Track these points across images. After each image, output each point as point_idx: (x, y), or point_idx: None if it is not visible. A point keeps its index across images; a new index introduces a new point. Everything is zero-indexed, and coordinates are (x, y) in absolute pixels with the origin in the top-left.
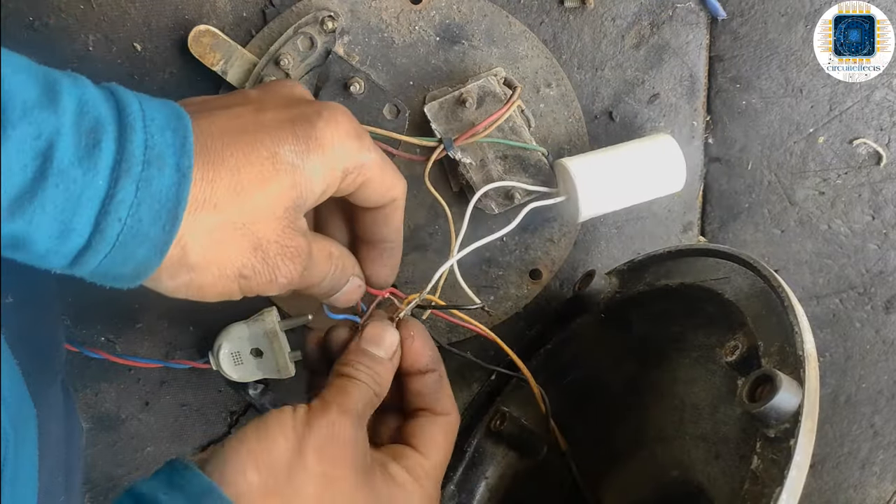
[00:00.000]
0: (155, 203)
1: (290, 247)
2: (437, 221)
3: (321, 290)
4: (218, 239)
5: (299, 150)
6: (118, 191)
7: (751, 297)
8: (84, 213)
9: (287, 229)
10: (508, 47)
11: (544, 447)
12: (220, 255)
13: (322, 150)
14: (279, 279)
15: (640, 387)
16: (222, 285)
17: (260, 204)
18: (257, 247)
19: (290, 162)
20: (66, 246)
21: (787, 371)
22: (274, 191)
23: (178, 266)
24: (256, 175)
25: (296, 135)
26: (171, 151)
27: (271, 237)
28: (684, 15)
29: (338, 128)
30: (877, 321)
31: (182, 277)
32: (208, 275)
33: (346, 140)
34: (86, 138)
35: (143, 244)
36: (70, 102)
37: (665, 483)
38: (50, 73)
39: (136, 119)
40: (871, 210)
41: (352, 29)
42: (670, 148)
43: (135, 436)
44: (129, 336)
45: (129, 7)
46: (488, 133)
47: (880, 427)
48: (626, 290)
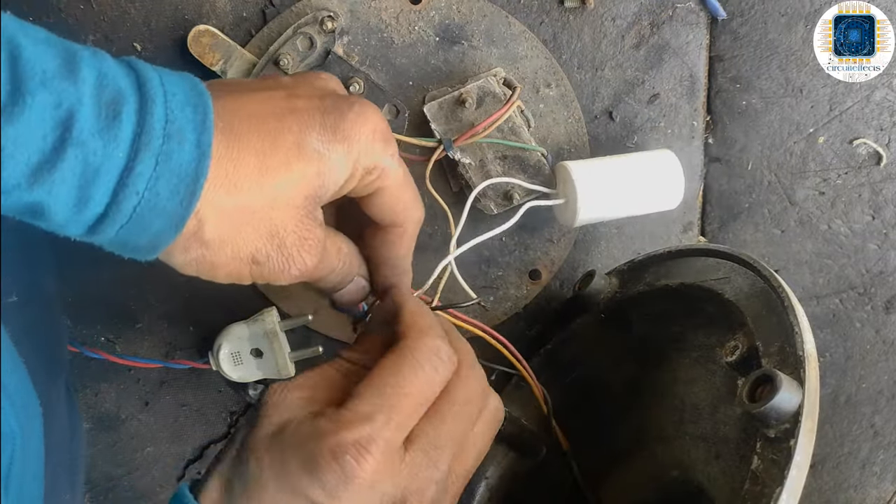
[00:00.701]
0: (173, 178)
1: (308, 238)
2: (436, 222)
3: (326, 283)
4: (236, 219)
5: (326, 139)
6: (137, 164)
7: (751, 297)
8: (102, 184)
9: (306, 219)
10: (508, 47)
11: (544, 447)
12: (235, 235)
13: (348, 142)
14: (292, 269)
15: (640, 387)
16: (234, 267)
17: (282, 189)
18: (274, 234)
19: (315, 150)
20: (84, 215)
21: (787, 371)
22: (297, 177)
23: (193, 240)
24: (281, 160)
25: (324, 124)
26: (192, 127)
27: (289, 225)
28: (684, 15)
29: (366, 123)
30: (877, 321)
31: (195, 252)
32: (221, 254)
33: (373, 137)
34: (106, 110)
35: (160, 217)
36: (90, 74)
37: (665, 483)
38: (70, 45)
39: (156, 93)
40: (871, 210)
41: (351, 29)
42: (672, 164)
43: (135, 436)
44: (129, 336)
45: (129, 7)
46: (488, 133)
47: (880, 427)
48: (626, 290)
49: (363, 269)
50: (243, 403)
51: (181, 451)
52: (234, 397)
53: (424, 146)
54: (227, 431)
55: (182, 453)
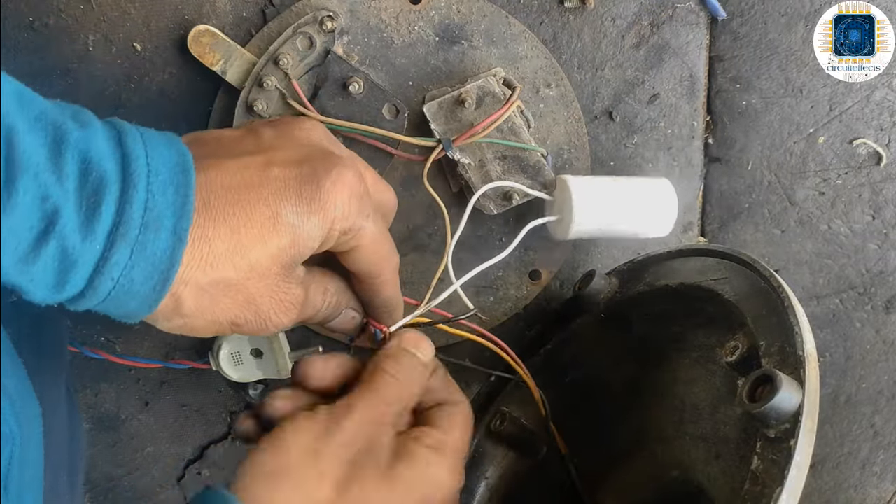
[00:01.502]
0: (148, 266)
1: (284, 300)
2: (435, 222)
3: (314, 321)
4: (212, 293)
5: (301, 210)
6: (113, 254)
7: (751, 297)
8: (79, 272)
9: (282, 283)
10: (508, 47)
11: (544, 447)
12: (213, 307)
13: (323, 212)
14: (269, 328)
15: (640, 387)
16: (215, 329)
17: (256, 262)
18: (250, 301)
19: (290, 223)
20: (61, 295)
21: (787, 371)
22: (271, 250)
23: (173, 314)
24: (256, 235)
25: (300, 196)
26: (171, 213)
27: (265, 293)
28: (684, 15)
29: (343, 190)
30: (877, 321)
31: (176, 322)
32: (201, 321)
33: (349, 202)
34: (87, 202)
35: (134, 299)
36: (74, 165)
37: (665, 483)
38: (59, 125)
39: (139, 176)
40: (872, 210)
41: (351, 29)
42: (668, 193)
43: (135, 436)
44: (129, 336)
45: (129, 7)
46: (487, 133)
47: (880, 427)
48: (626, 291)
49: (353, 303)
50: (243, 403)
51: (181, 451)
52: (234, 397)
53: (423, 146)
54: (227, 431)
55: (182, 453)
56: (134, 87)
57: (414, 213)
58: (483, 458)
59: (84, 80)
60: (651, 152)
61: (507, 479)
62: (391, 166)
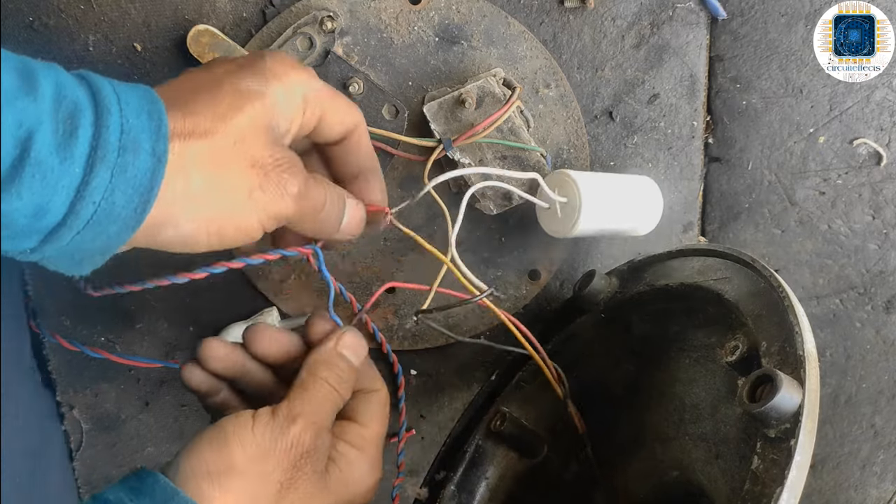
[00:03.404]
0: (129, 188)
1: (284, 158)
2: (435, 222)
3: (328, 215)
4: (217, 161)
5: (259, 80)
6: (93, 177)
7: (751, 297)
8: (60, 197)
9: (274, 146)
10: (508, 48)
11: (545, 447)
12: (223, 177)
13: (279, 78)
14: (288, 188)
15: (640, 387)
16: (238, 215)
17: (242, 125)
18: (254, 163)
19: (254, 90)
20: (42, 223)
21: (787, 371)
22: (250, 113)
23: (189, 199)
24: (230, 104)
25: (252, 71)
26: (147, 136)
27: (264, 153)
28: (684, 15)
29: (284, 62)
30: (877, 321)
31: (197, 212)
32: (220, 203)
33: (297, 70)
34: (63, 125)
35: (115, 222)
36: (48, 88)
37: (665, 483)
38: (25, 61)
39: (111, 102)
40: (872, 210)
41: (351, 29)
42: (653, 190)
43: (134, 436)
44: (129, 336)
45: (129, 7)
46: (487, 133)
47: (880, 427)
48: (626, 291)
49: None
50: None
51: None
52: None
53: (424, 146)
54: None
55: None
56: None
57: (414, 213)
58: (483, 458)
59: None
60: (651, 152)
61: (507, 479)
62: (391, 166)
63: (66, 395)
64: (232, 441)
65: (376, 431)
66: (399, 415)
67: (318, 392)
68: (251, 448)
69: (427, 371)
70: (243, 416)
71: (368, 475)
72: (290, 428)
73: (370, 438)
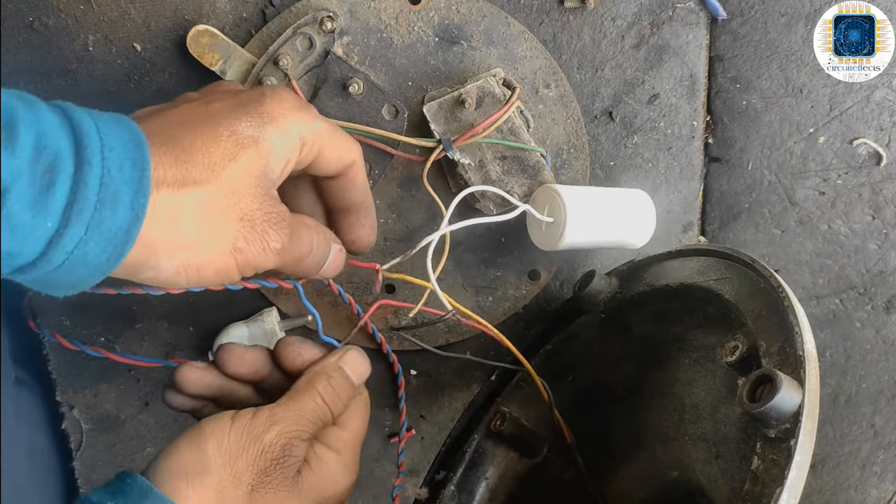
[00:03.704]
0: (103, 240)
1: (273, 213)
2: (435, 221)
3: (312, 261)
4: (207, 212)
5: (255, 124)
6: (67, 231)
7: (751, 297)
8: (31, 246)
9: (265, 197)
10: (507, 48)
11: (545, 447)
12: (211, 227)
13: (276, 122)
14: (271, 244)
15: (640, 387)
16: (219, 262)
17: (235, 176)
18: (243, 217)
19: (250, 136)
20: (11, 262)
21: (787, 371)
22: (244, 163)
23: (174, 245)
24: (224, 152)
25: (248, 112)
26: (128, 188)
27: (254, 206)
28: (684, 15)
29: (283, 102)
30: (877, 321)
31: (179, 257)
32: (204, 251)
33: (295, 112)
34: (41, 179)
35: (87, 268)
36: (28, 139)
37: (665, 483)
38: (7, 101)
39: (93, 153)
40: (872, 210)
41: (351, 29)
42: (645, 203)
43: (134, 436)
44: (129, 336)
45: (128, 7)
46: (487, 134)
47: (880, 427)
48: (626, 291)
49: (334, 237)
50: None
51: None
52: None
53: (423, 146)
54: None
55: None
56: (134, 87)
57: (414, 213)
58: (483, 458)
59: (84, 80)
60: (651, 152)
61: (507, 479)
62: (391, 166)
63: (66, 395)
64: (209, 441)
65: (355, 434)
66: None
67: (307, 403)
68: (224, 448)
69: (427, 371)
70: (223, 418)
71: (343, 478)
72: (265, 435)
73: (348, 441)
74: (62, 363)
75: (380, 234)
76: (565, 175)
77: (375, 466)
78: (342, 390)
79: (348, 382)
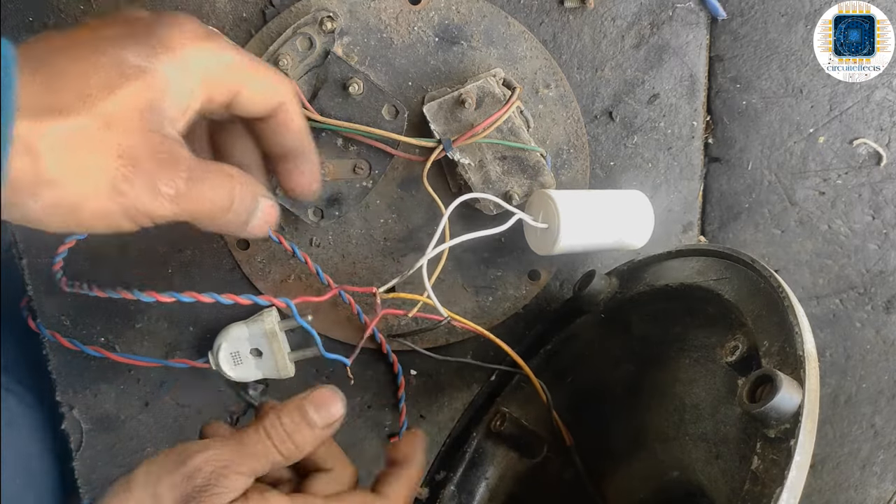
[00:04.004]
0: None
1: (162, 151)
2: (435, 222)
3: (234, 215)
4: (74, 145)
5: (145, 53)
6: None
7: (751, 297)
8: None
9: (151, 133)
10: (507, 48)
11: (545, 447)
12: (81, 163)
13: (171, 52)
14: (162, 188)
15: (640, 387)
16: (96, 203)
17: (113, 109)
18: (122, 154)
19: (136, 65)
20: None
21: (787, 371)
22: (126, 95)
23: (36, 182)
24: (103, 81)
25: (137, 40)
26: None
27: (136, 142)
28: (684, 15)
29: (182, 29)
30: (877, 321)
31: (46, 196)
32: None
33: (197, 41)
34: None
35: None
36: None
37: (665, 483)
38: None
39: None
40: (872, 210)
41: (351, 29)
42: (643, 204)
43: (134, 437)
44: (129, 336)
45: (128, 7)
46: (487, 134)
47: (881, 427)
48: (626, 291)
49: (264, 191)
50: (243, 403)
51: None
52: (234, 397)
53: (423, 146)
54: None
55: None
56: None
57: (414, 213)
58: (483, 459)
59: None
60: (651, 152)
61: (507, 479)
62: (391, 167)
63: (66, 395)
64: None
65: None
66: (399, 415)
67: (249, 437)
68: (150, 470)
69: (427, 371)
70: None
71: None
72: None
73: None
74: (62, 363)
75: (380, 234)
76: (565, 175)
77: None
78: (295, 430)
79: (305, 422)
